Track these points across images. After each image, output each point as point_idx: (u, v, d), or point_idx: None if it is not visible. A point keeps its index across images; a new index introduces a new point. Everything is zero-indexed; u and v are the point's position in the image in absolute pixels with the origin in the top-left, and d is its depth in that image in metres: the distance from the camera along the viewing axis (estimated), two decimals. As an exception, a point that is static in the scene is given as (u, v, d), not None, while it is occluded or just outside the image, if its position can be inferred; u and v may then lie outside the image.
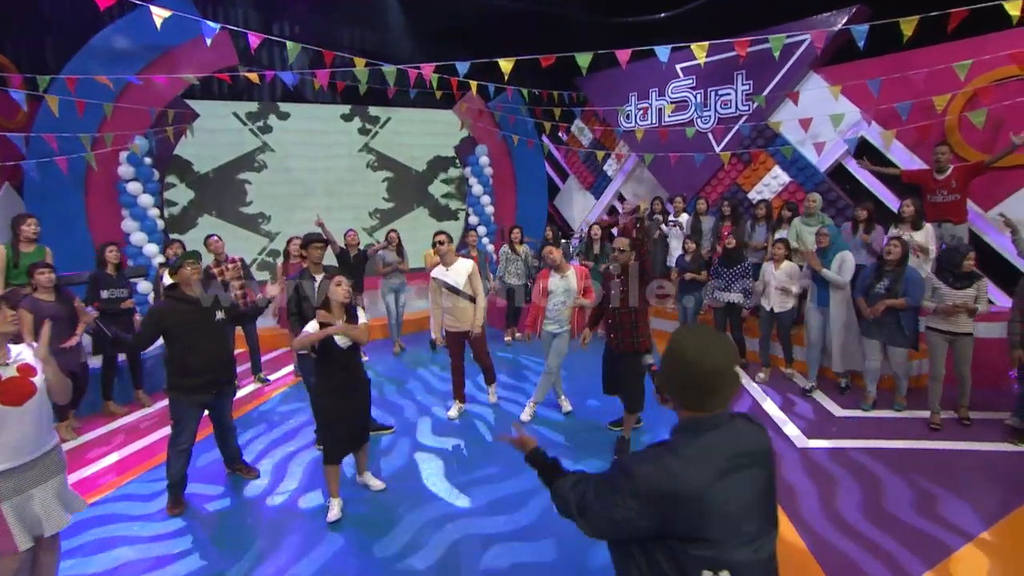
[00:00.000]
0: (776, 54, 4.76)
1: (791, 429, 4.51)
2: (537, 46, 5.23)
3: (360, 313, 3.47)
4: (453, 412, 4.92)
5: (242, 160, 9.43)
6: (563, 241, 7.64)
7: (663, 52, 4.70)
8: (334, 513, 3.38)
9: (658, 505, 1.30)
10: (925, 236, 5.11)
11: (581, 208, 10.40)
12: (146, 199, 7.11)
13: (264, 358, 6.42)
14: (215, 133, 8.96)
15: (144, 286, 6.60)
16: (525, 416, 4.77)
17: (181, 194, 8.97)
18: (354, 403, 3.45)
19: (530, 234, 7.76)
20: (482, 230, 9.51)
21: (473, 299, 4.73)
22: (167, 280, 5.19)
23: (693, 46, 4.66)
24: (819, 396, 5.16)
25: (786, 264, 5.33)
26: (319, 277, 4.24)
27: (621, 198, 9.71)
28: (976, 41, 5.18)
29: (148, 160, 7.20)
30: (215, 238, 5.56)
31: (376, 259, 6.77)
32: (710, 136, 7.60)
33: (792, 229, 5.97)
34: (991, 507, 3.37)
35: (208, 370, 3.47)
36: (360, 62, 5.26)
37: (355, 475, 3.84)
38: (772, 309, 5.41)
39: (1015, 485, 3.61)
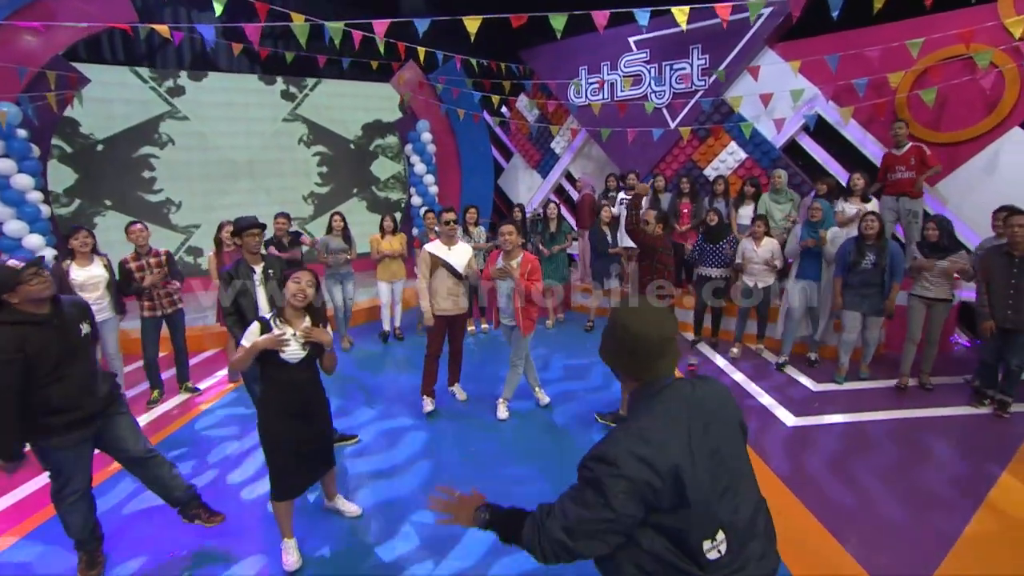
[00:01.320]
0: (752, 18, 4.60)
1: (776, 409, 4.48)
2: (488, 6, 4.73)
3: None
4: (429, 407, 4.49)
5: (144, 129, 8.06)
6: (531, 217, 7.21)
7: (643, 16, 4.39)
8: (291, 560, 2.76)
9: (645, 477, 1.27)
10: (874, 208, 5.25)
11: (527, 187, 10.04)
12: (23, 180, 5.88)
13: (191, 361, 5.55)
14: (112, 103, 7.67)
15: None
16: (502, 414, 4.41)
17: (66, 177, 7.61)
18: (309, 428, 2.78)
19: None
20: (424, 212, 8.89)
21: (467, 283, 4.45)
22: (75, 275, 4.30)
23: (674, 10, 4.38)
24: (791, 371, 5.21)
25: (767, 240, 5.30)
26: (258, 268, 3.64)
27: (569, 176, 9.46)
28: (928, 20, 5.32)
29: (23, 133, 5.95)
30: (140, 226, 4.66)
31: (319, 246, 6.06)
32: (665, 112, 7.47)
33: (761, 205, 5.98)
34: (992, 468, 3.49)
35: (82, 402, 2.58)
36: (299, 17, 4.53)
37: (323, 501, 3.25)
38: (756, 285, 5.37)
39: (998, 446, 3.78)
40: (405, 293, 6.58)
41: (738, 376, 5.19)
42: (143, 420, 4.46)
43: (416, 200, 8.90)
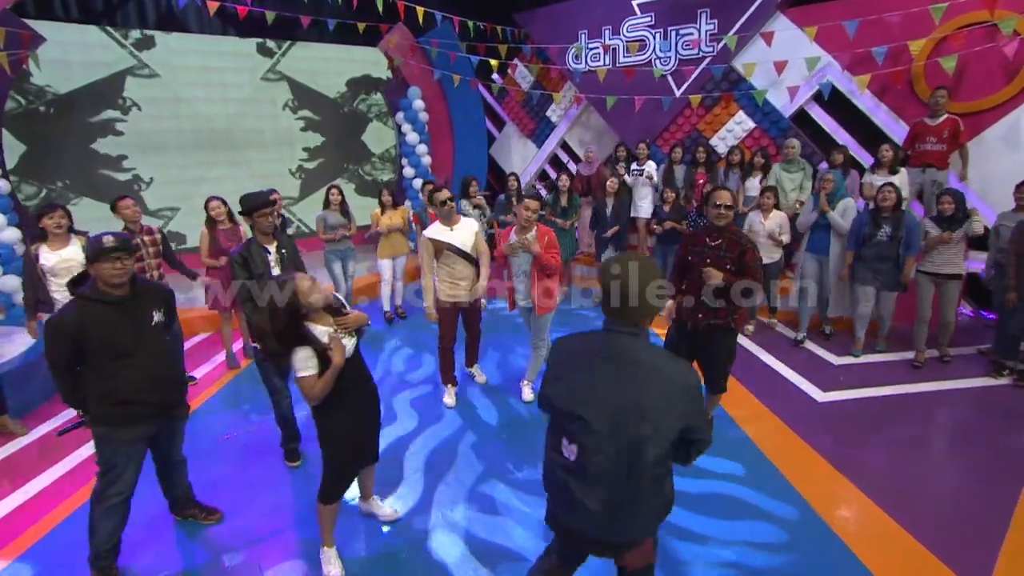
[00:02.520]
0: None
1: (804, 384, 4.46)
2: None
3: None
4: (450, 399, 4.27)
5: (105, 88, 7.18)
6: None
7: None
8: (335, 572, 2.57)
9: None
10: (900, 180, 5.19)
11: (521, 158, 9.73)
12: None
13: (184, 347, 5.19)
14: (70, 66, 6.95)
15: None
16: (527, 396, 4.26)
17: (8, 149, 6.62)
18: (365, 420, 2.63)
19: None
20: (419, 183, 8.52)
21: (476, 264, 4.07)
22: (45, 259, 3.88)
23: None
24: (810, 345, 5.20)
25: (775, 213, 5.19)
26: (272, 248, 3.32)
27: (565, 146, 9.18)
28: (949, -17, 5.19)
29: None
30: (131, 200, 4.24)
31: (317, 222, 5.72)
32: (670, 79, 7.23)
33: (772, 175, 5.87)
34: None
35: (149, 394, 2.47)
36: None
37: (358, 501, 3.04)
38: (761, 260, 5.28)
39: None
40: (408, 265, 6.28)
41: (757, 351, 5.15)
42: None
43: (408, 172, 8.51)
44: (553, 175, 9.35)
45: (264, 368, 3.39)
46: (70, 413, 4.15)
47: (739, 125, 6.89)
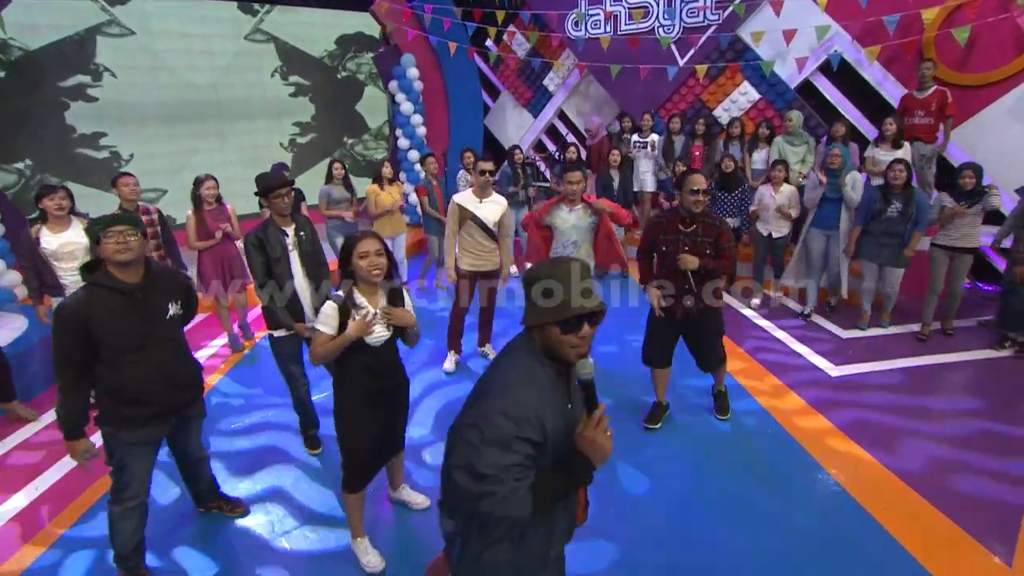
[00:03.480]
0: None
1: (815, 358, 4.52)
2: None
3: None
4: (450, 365, 4.33)
5: (73, 49, 6.63)
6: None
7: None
8: (373, 561, 2.52)
9: None
10: (904, 154, 5.18)
11: (516, 128, 9.50)
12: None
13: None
14: (38, 28, 6.47)
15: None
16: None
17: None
18: (389, 412, 2.51)
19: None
20: (414, 155, 8.30)
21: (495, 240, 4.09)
22: (47, 242, 3.68)
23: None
24: (815, 318, 5.27)
25: (786, 187, 5.17)
26: (290, 231, 3.17)
27: (563, 116, 8.98)
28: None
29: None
30: (132, 179, 4.02)
31: (320, 196, 5.54)
32: (673, 47, 7.06)
33: (775, 148, 5.82)
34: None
35: (158, 393, 2.30)
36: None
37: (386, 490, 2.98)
38: (770, 234, 5.29)
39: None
40: (407, 241, 6.15)
41: (765, 324, 5.21)
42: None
43: (403, 143, 8.26)
44: (551, 147, 9.20)
45: (282, 354, 3.30)
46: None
47: (744, 96, 6.80)
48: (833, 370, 4.33)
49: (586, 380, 1.35)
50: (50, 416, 3.88)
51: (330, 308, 2.27)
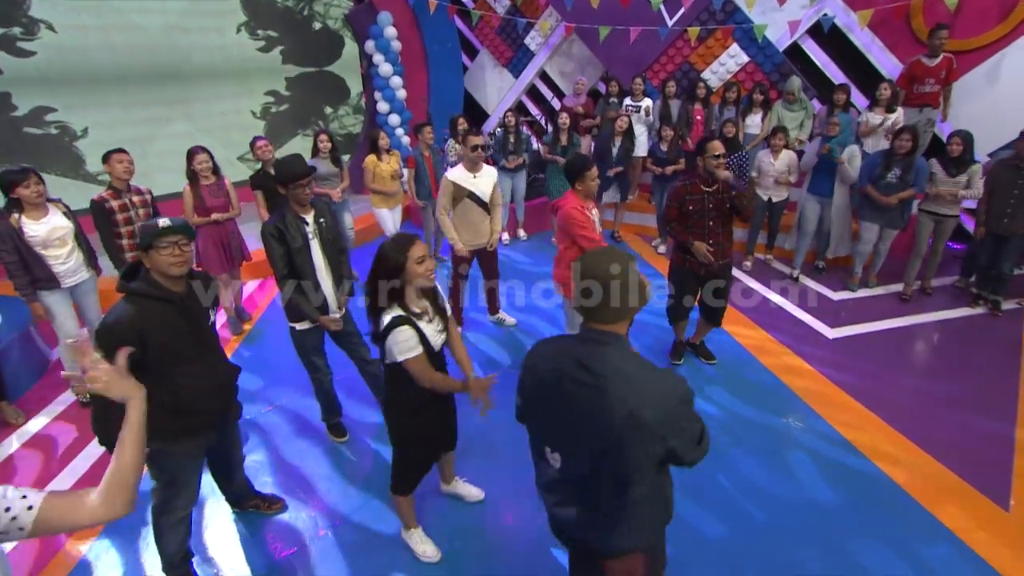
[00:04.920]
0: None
1: (811, 321, 4.75)
2: None
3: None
4: None
5: None
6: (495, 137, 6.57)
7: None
8: (428, 550, 2.56)
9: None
10: (897, 119, 5.34)
11: (496, 89, 9.22)
12: None
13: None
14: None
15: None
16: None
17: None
18: (441, 416, 2.49)
19: (444, 125, 6.61)
20: (395, 120, 7.99)
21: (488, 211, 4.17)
22: (33, 230, 3.40)
23: None
24: (805, 280, 5.51)
25: (785, 153, 5.28)
26: (310, 219, 3.04)
27: (545, 77, 8.77)
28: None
29: None
30: (126, 155, 3.72)
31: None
32: (663, 8, 6.92)
33: (773, 115, 5.90)
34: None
35: (211, 404, 2.25)
36: None
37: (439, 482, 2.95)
38: (770, 199, 5.43)
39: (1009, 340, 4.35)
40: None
41: (756, 285, 5.43)
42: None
43: (383, 106, 7.91)
44: (534, 110, 9.00)
45: (305, 347, 3.21)
46: (67, 400, 3.87)
47: (732, 59, 6.79)
48: (830, 332, 4.57)
49: None
50: (46, 417, 3.71)
51: (404, 332, 2.11)
